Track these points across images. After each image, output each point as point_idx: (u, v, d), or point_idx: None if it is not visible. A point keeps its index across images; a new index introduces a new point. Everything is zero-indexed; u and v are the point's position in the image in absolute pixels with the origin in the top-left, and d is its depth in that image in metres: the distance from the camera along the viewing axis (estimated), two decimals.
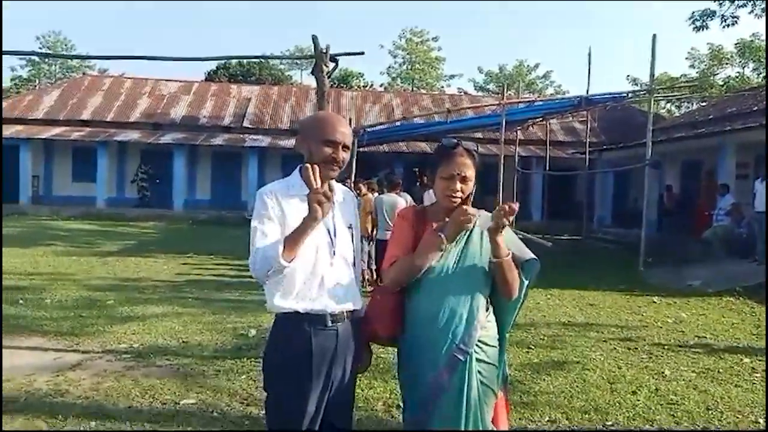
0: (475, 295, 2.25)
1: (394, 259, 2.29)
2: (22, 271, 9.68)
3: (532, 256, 2.34)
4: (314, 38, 5.92)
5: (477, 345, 2.22)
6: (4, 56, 26.46)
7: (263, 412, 3.95)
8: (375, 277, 8.73)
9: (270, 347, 2.25)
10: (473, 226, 2.29)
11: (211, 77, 38.09)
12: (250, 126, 25.73)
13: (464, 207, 2.20)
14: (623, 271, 11.56)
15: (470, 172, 2.28)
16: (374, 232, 9.07)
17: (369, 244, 9.08)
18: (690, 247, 13.45)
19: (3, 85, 27.00)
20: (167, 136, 24.23)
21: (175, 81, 28.65)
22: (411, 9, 76.23)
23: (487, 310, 2.29)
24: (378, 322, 2.31)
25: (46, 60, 46.83)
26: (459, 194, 2.27)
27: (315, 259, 2.19)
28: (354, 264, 2.35)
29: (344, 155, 2.24)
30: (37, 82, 44.32)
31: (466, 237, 2.30)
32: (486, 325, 2.27)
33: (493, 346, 2.29)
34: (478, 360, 2.22)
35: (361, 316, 2.34)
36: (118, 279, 9.45)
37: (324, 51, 5.85)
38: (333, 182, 2.29)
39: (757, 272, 10.29)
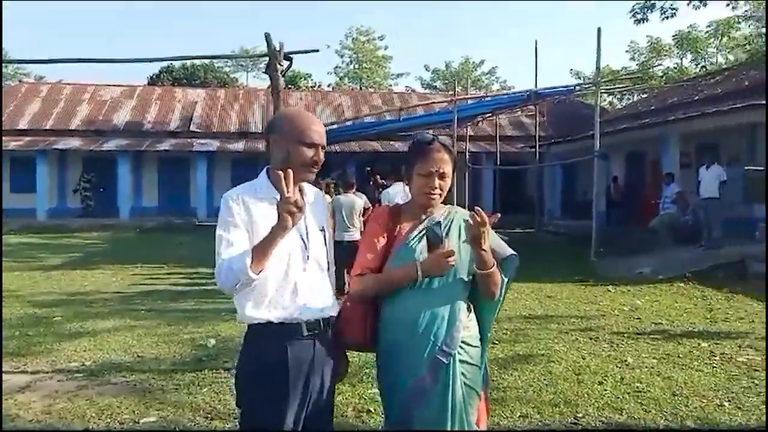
0: (455, 297, 2.18)
1: (363, 269, 2.21)
2: None
3: (511, 252, 2.28)
4: (267, 36, 5.77)
5: (460, 346, 2.15)
6: None
7: (228, 426, 3.85)
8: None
9: (243, 360, 2.12)
10: (450, 223, 2.22)
11: (154, 81, 37.15)
12: (197, 130, 25.16)
13: (450, 250, 2.10)
14: (576, 263, 11.76)
15: (448, 168, 2.21)
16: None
17: None
18: (638, 236, 13.81)
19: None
20: (110, 142, 23.46)
21: (117, 86, 27.78)
22: (354, 8, 76.28)
23: (468, 309, 2.22)
24: (349, 329, 2.21)
25: None
26: (438, 191, 2.21)
27: (287, 265, 2.07)
28: (328, 268, 2.25)
29: (322, 156, 2.15)
30: None
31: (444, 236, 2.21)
32: (468, 325, 2.20)
33: (475, 347, 2.22)
34: (461, 361, 2.15)
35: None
36: (65, 293, 9.03)
37: (277, 49, 5.72)
38: (303, 183, 2.18)
39: (704, 258, 10.62)
